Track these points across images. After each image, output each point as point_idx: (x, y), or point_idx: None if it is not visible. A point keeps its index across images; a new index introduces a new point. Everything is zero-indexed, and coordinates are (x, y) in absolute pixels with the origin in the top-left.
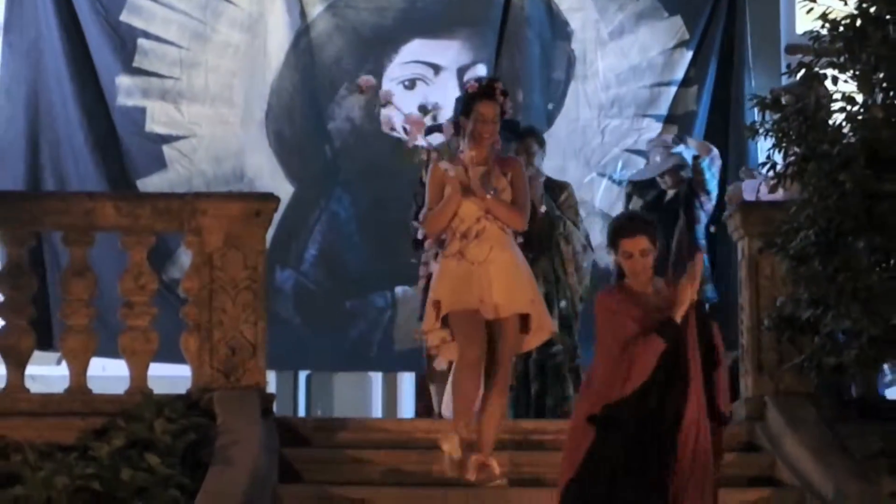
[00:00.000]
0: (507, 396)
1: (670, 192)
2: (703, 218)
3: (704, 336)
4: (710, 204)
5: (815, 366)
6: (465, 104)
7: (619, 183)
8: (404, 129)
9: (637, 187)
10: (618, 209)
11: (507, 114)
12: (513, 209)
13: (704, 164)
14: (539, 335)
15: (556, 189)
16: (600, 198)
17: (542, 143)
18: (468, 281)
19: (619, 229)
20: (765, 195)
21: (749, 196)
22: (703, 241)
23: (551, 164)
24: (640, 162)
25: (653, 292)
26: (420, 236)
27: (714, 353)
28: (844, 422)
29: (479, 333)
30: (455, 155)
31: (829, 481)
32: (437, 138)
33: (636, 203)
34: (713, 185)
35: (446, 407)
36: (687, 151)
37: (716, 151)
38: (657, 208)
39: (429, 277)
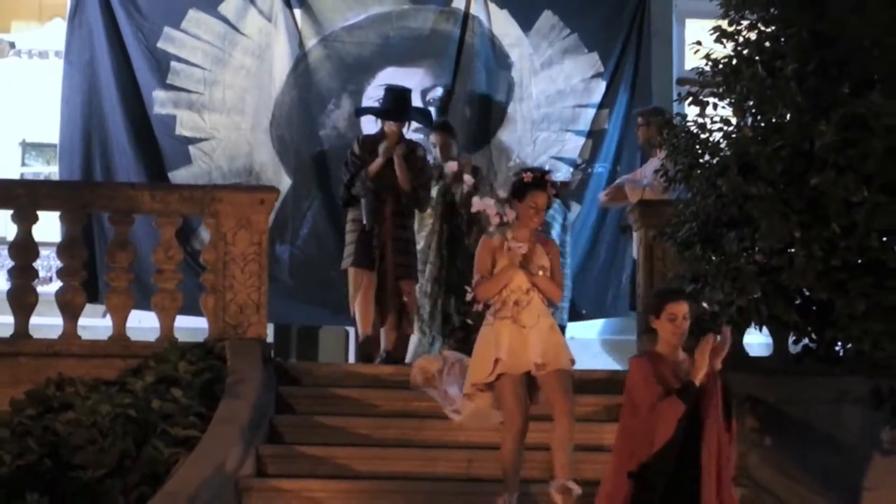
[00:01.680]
0: (573, 422)
1: None
2: None
3: (726, 402)
4: None
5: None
6: (520, 190)
7: None
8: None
9: None
10: None
11: (553, 198)
12: (554, 285)
13: None
14: None
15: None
16: None
17: (455, 136)
18: (524, 344)
19: (666, 294)
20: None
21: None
22: None
23: (494, 168)
24: (563, 167)
25: (680, 360)
26: (344, 197)
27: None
28: None
29: (522, 406)
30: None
31: None
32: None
33: None
34: None
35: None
36: None
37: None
38: None
39: (355, 224)
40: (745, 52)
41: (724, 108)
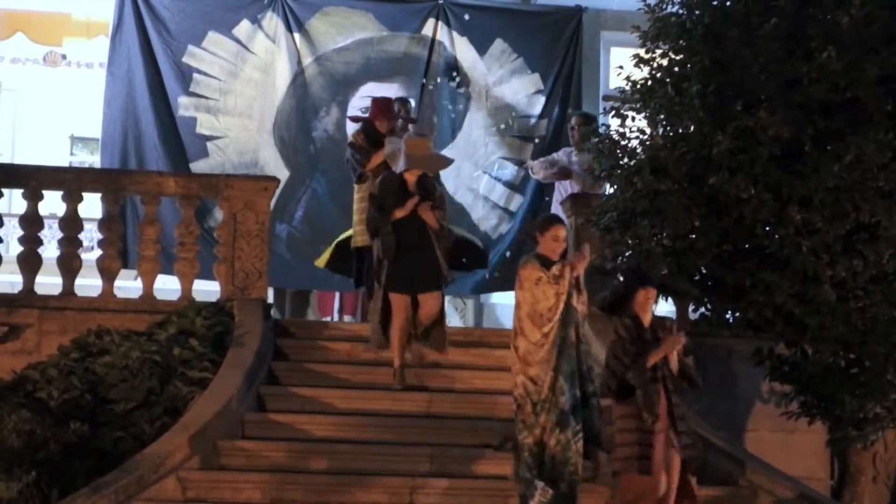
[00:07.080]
0: None
1: None
2: None
3: None
4: None
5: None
6: None
7: (495, 178)
8: None
9: None
10: (495, 195)
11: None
12: None
13: None
14: None
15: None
16: (483, 186)
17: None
18: None
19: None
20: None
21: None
22: None
23: (455, 164)
24: (509, 165)
25: None
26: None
27: None
28: None
29: None
30: None
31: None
32: None
33: None
34: None
35: None
36: None
37: None
38: None
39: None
40: (658, 75)
41: (640, 120)
